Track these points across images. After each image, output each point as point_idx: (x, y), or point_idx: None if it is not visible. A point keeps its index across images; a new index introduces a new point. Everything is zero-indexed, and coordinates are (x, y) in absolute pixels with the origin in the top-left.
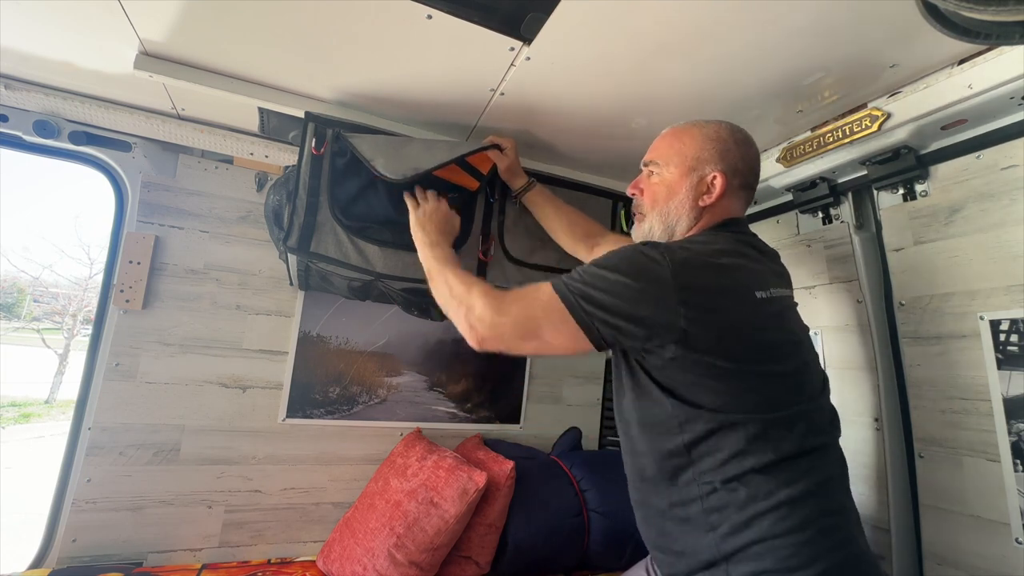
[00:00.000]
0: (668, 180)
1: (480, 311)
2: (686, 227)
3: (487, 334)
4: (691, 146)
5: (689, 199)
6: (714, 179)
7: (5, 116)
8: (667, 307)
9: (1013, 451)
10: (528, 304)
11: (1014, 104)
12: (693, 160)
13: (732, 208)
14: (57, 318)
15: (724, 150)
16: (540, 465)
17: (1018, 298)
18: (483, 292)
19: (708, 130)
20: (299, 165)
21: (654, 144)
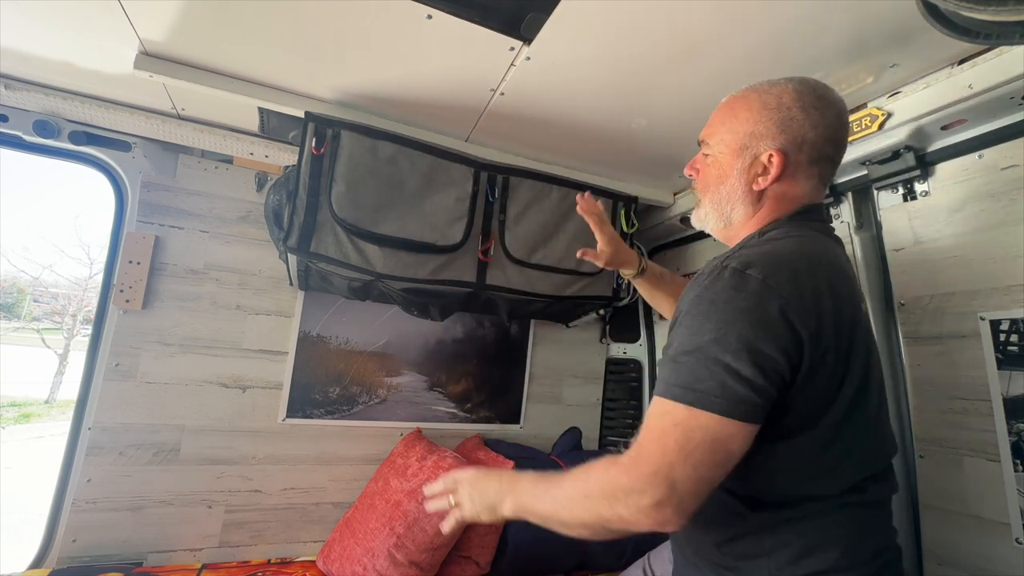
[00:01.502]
0: (719, 162)
1: (630, 487)
2: (743, 215)
3: (662, 502)
4: (745, 119)
5: (741, 183)
6: (770, 158)
7: (5, 116)
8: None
9: (1013, 451)
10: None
11: (1014, 104)
12: (745, 137)
13: (804, 190)
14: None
15: (785, 120)
16: (540, 465)
17: (1018, 298)
18: (609, 466)
19: (769, 97)
20: (299, 165)
21: (712, 116)
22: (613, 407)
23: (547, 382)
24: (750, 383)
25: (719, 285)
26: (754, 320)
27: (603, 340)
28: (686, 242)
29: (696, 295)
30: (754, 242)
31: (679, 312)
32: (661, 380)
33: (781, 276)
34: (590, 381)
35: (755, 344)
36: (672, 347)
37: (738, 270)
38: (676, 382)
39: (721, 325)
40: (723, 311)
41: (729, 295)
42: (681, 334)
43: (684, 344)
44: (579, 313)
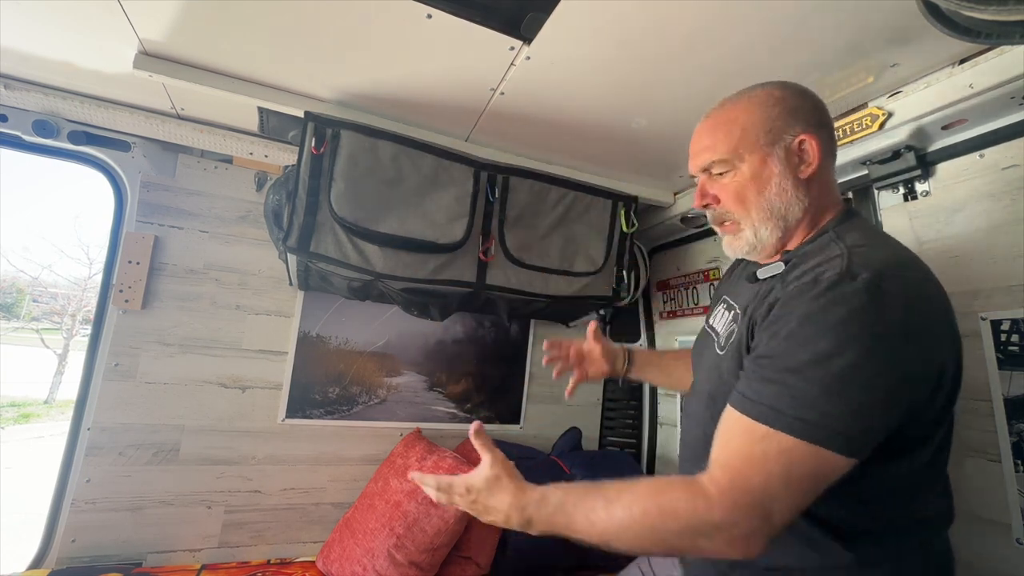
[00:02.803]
0: (750, 171)
1: (722, 522)
2: (800, 211)
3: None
4: (752, 123)
5: (789, 178)
6: (802, 143)
7: (5, 116)
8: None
9: (1014, 451)
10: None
11: (1015, 104)
12: (767, 135)
13: (832, 172)
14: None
15: (792, 108)
16: (540, 465)
17: (1019, 298)
18: (693, 495)
19: (757, 98)
20: (299, 165)
21: (700, 142)
22: (613, 407)
23: (547, 382)
24: (872, 420)
25: (849, 295)
26: (888, 349)
27: None
28: (686, 242)
29: (817, 302)
30: (850, 240)
31: (775, 317)
32: (760, 397)
33: (922, 289)
34: (590, 381)
35: (891, 379)
36: (774, 357)
37: (874, 281)
38: (785, 408)
39: (853, 349)
40: (857, 331)
41: (864, 312)
42: (791, 345)
43: (797, 361)
44: (579, 313)
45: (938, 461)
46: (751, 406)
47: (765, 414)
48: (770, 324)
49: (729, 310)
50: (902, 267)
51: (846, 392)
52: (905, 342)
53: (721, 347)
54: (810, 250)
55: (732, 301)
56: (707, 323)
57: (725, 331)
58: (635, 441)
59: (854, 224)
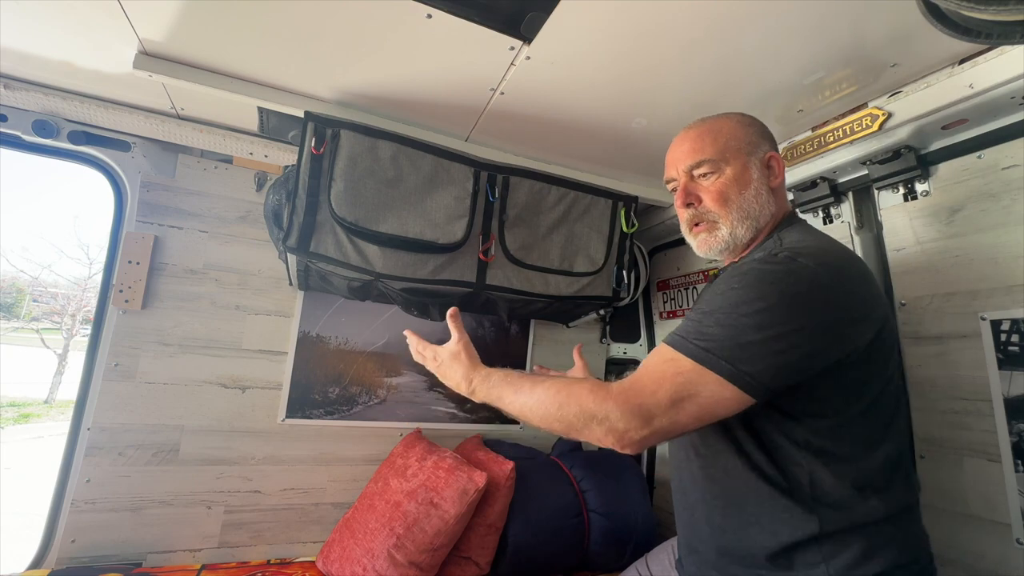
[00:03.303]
0: (734, 172)
1: (611, 414)
2: (768, 214)
3: (631, 432)
4: (736, 134)
5: (764, 184)
6: (771, 160)
7: (4, 116)
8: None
9: (1014, 451)
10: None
11: (1015, 104)
12: (747, 145)
13: (784, 197)
14: (56, 318)
15: (761, 131)
16: (540, 466)
17: (1019, 298)
18: (596, 389)
19: (733, 119)
20: (299, 165)
21: (688, 146)
22: None
23: None
24: (763, 360)
25: (770, 266)
26: (796, 301)
27: (603, 340)
28: (686, 242)
29: (743, 271)
30: (788, 239)
31: (717, 282)
32: (678, 331)
33: (834, 263)
34: None
35: (788, 327)
36: (696, 309)
37: (791, 257)
38: (693, 337)
39: (761, 300)
40: (767, 289)
41: (780, 276)
42: (712, 298)
43: (712, 306)
44: (579, 313)
45: (890, 434)
46: (669, 337)
47: (674, 341)
48: (705, 293)
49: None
50: (821, 251)
51: (745, 331)
52: (809, 301)
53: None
54: (756, 253)
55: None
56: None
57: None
58: None
59: (795, 228)
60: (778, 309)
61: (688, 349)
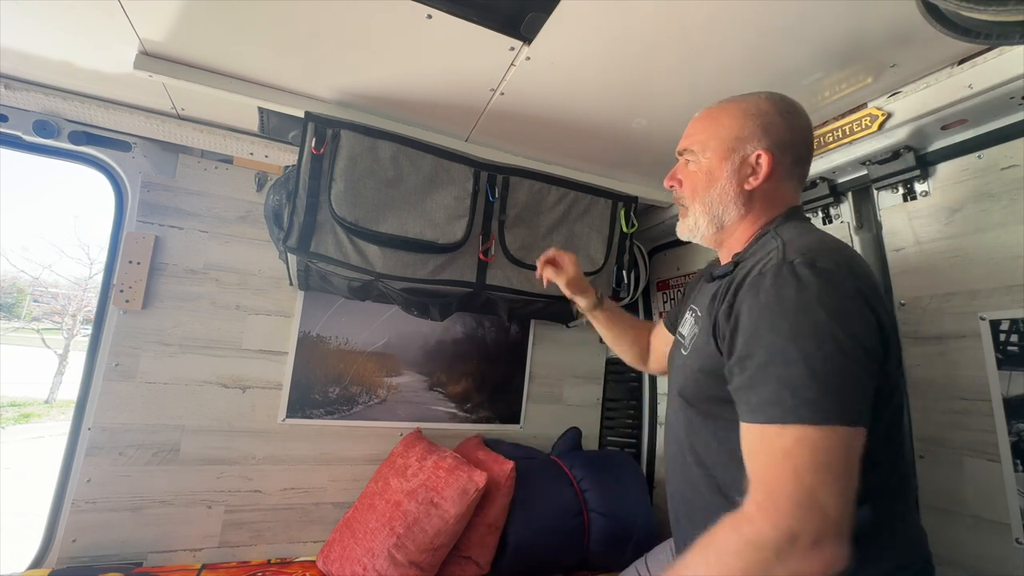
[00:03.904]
0: (707, 166)
1: (776, 535)
2: (736, 216)
3: (820, 537)
4: (729, 126)
5: (732, 184)
6: (758, 158)
7: (5, 116)
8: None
9: (1013, 451)
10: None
11: (1014, 104)
12: (732, 140)
13: (788, 192)
14: (57, 318)
15: (767, 124)
16: (540, 465)
17: (1018, 298)
18: (736, 524)
19: (747, 105)
20: (299, 165)
21: (688, 129)
22: (613, 407)
23: (547, 382)
24: (856, 381)
25: (788, 276)
26: (843, 314)
27: (603, 340)
28: (686, 242)
29: (767, 291)
30: (787, 236)
31: (736, 316)
32: (760, 402)
33: (851, 265)
34: (590, 381)
35: (854, 340)
36: (751, 356)
37: (807, 260)
38: (784, 400)
39: (813, 322)
40: (809, 305)
41: (809, 288)
42: (760, 338)
43: (772, 352)
44: (579, 313)
45: (894, 435)
46: (755, 413)
47: (768, 414)
48: (734, 323)
49: (692, 314)
50: (832, 250)
51: (826, 364)
52: (852, 304)
53: (686, 348)
54: (754, 249)
55: (695, 307)
56: (677, 332)
57: (690, 334)
58: (635, 441)
59: (792, 223)
60: (836, 327)
61: (790, 415)
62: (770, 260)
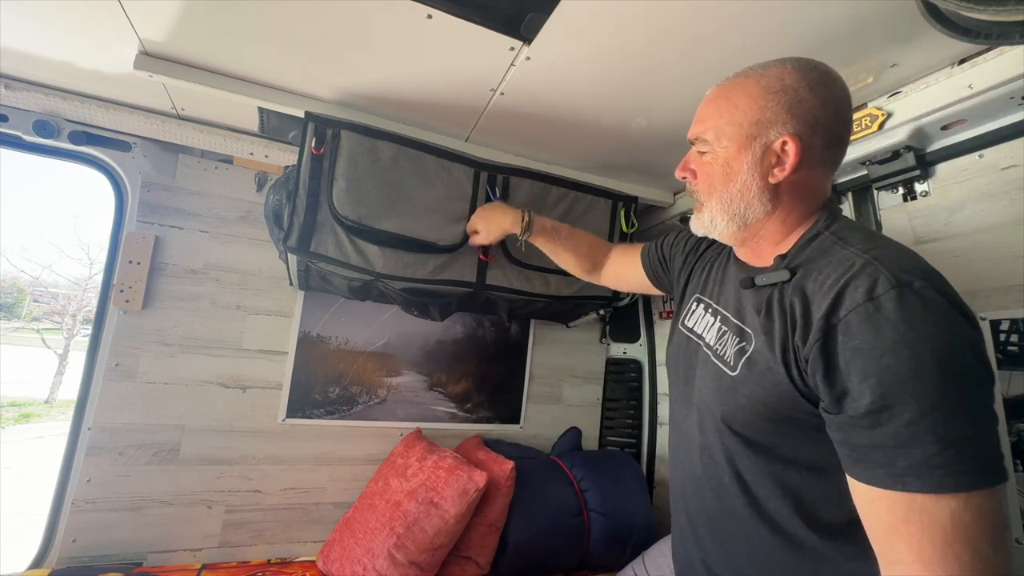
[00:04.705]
0: (724, 157)
1: None
2: (761, 212)
3: None
4: (747, 107)
5: (755, 178)
6: (784, 145)
7: (5, 116)
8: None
9: (1013, 451)
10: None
11: (1014, 104)
12: (751, 126)
13: (820, 180)
14: (57, 318)
15: (793, 102)
16: (540, 465)
17: (1018, 298)
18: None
19: (768, 79)
20: (299, 165)
21: (700, 112)
22: (613, 407)
23: (547, 382)
24: (996, 432)
25: (915, 306)
26: (983, 353)
27: (603, 340)
28: None
29: (894, 326)
30: (860, 243)
31: (843, 352)
32: (915, 465)
33: (954, 293)
34: (590, 381)
35: (992, 383)
36: (890, 408)
37: (932, 288)
38: (948, 464)
39: (965, 372)
40: (956, 353)
41: (950, 328)
42: (898, 387)
43: (919, 406)
44: (579, 313)
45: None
46: (905, 479)
47: (927, 480)
48: (842, 360)
49: (715, 315)
50: (929, 270)
51: (984, 417)
52: (981, 337)
53: (731, 367)
54: (812, 255)
55: (719, 307)
56: (681, 324)
57: (730, 348)
58: (635, 441)
59: (844, 223)
60: (984, 370)
61: (961, 481)
62: (866, 278)
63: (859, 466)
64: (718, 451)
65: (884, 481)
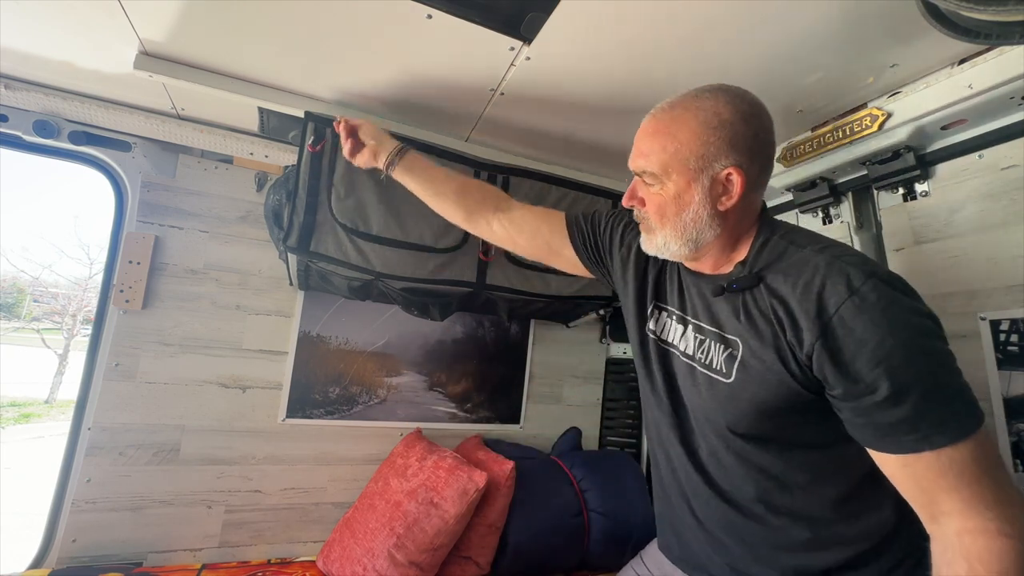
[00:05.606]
0: (675, 190)
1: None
2: (713, 235)
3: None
4: (690, 143)
5: (706, 207)
6: (729, 176)
7: (5, 116)
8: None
9: (1013, 451)
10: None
11: (1014, 104)
12: (697, 160)
13: (758, 198)
14: (57, 318)
15: (732, 136)
16: (540, 465)
17: (1018, 298)
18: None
19: (705, 114)
20: (299, 165)
21: (641, 145)
22: (613, 407)
23: (547, 382)
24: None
25: (888, 295)
26: (934, 324)
27: (603, 340)
28: None
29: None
30: (809, 243)
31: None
32: (932, 429)
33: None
34: (590, 381)
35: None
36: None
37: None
38: (948, 418)
39: (937, 343)
40: (925, 330)
41: (917, 312)
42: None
43: (921, 381)
44: (579, 313)
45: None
46: (929, 440)
47: (948, 435)
48: (852, 353)
49: (684, 324)
50: (871, 260)
51: (956, 370)
52: (924, 305)
53: (725, 374)
54: (770, 258)
55: (687, 316)
56: (648, 329)
57: (717, 356)
58: (635, 441)
59: (785, 228)
60: (943, 333)
61: (967, 428)
62: (838, 275)
63: (887, 440)
64: (725, 454)
65: (915, 446)
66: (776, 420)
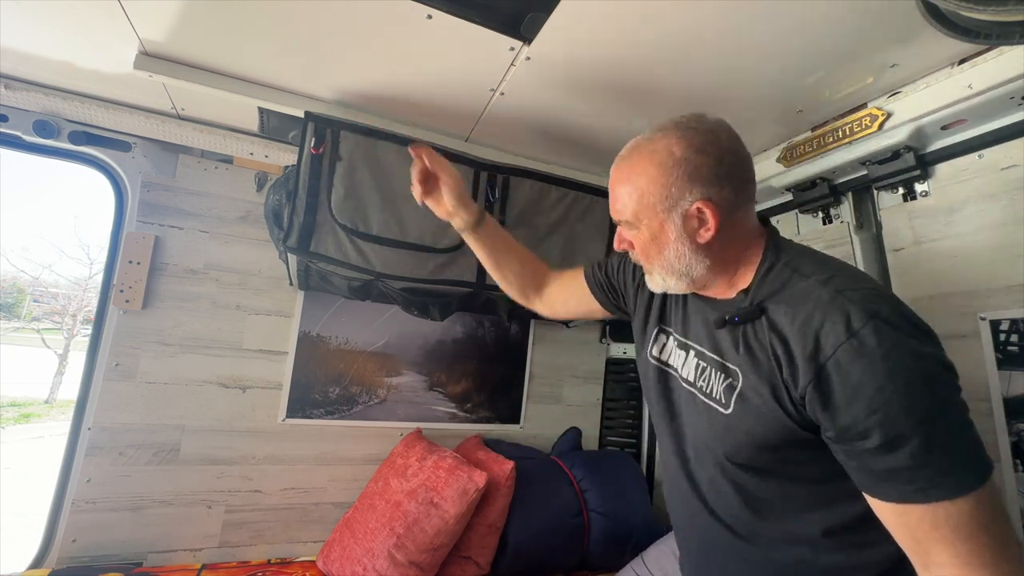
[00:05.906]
0: (650, 233)
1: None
2: (704, 267)
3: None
4: (650, 188)
5: (685, 243)
6: (700, 210)
7: (5, 116)
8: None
9: (1013, 451)
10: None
11: (1014, 104)
12: (663, 202)
13: (744, 218)
14: (57, 318)
15: (691, 171)
16: (540, 465)
17: (1018, 298)
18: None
19: (660, 155)
20: (299, 165)
21: (612, 192)
22: (613, 407)
23: (547, 382)
24: (975, 431)
25: (892, 338)
26: (949, 363)
27: (603, 340)
28: None
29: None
30: (813, 272)
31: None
32: (929, 478)
33: (909, 310)
34: (590, 381)
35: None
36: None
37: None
38: (953, 469)
39: (946, 390)
40: (934, 377)
41: (925, 356)
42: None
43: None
44: None
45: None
46: (926, 492)
47: (946, 489)
48: (847, 400)
49: (686, 350)
50: (882, 292)
51: (966, 421)
52: (939, 349)
53: (723, 405)
54: (773, 287)
55: (689, 342)
56: (649, 354)
57: (717, 385)
58: (635, 441)
59: (792, 252)
60: (954, 379)
61: (969, 483)
62: (838, 313)
63: (882, 487)
64: (724, 484)
65: (912, 497)
66: (774, 454)
